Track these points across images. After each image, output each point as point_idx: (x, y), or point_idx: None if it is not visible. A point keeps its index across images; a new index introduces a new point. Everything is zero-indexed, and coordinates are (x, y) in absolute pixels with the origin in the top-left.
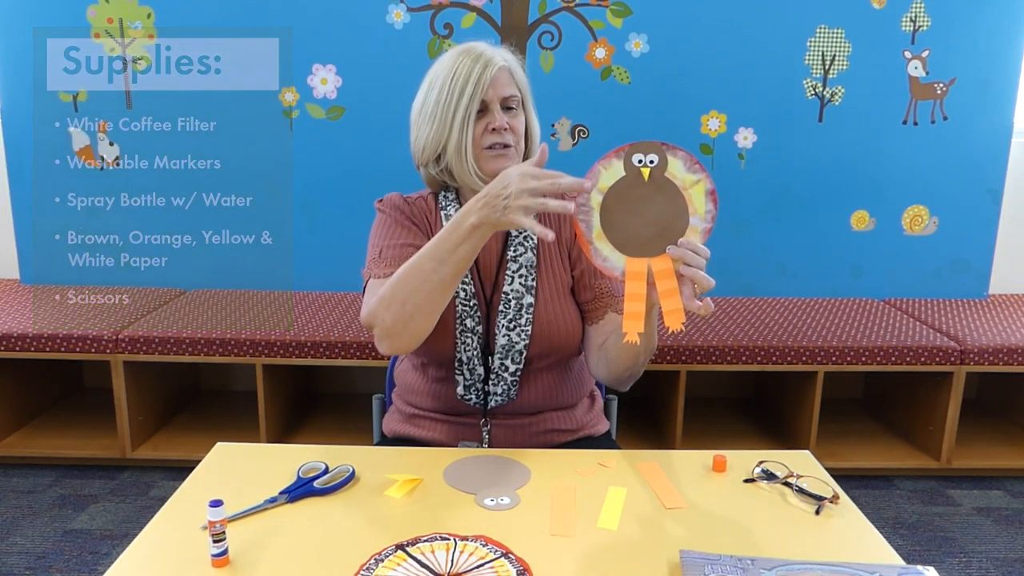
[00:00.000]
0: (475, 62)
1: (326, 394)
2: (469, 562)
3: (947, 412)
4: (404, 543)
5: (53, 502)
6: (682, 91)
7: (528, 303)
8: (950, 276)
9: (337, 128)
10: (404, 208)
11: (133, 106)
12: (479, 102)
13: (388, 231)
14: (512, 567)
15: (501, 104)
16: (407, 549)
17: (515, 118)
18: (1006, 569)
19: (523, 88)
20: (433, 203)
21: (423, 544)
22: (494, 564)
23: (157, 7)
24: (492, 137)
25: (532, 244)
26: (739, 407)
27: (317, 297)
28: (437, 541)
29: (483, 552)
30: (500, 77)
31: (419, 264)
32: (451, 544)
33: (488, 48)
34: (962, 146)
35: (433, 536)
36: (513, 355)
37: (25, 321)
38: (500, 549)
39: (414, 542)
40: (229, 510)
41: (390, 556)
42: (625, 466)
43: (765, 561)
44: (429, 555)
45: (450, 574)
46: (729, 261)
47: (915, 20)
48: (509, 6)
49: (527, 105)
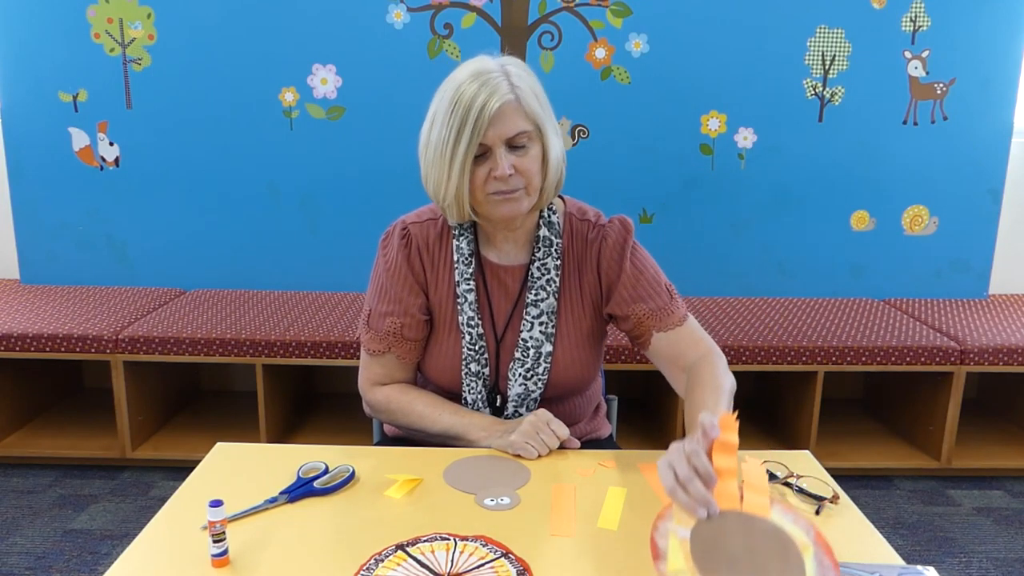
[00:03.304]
0: (475, 96)
1: (326, 394)
2: (469, 562)
3: (947, 412)
4: (404, 543)
5: (53, 502)
6: (682, 91)
7: (547, 352)
8: (950, 276)
9: (337, 128)
10: (401, 248)
11: (133, 106)
12: (477, 146)
13: (377, 288)
14: (512, 567)
15: (508, 144)
16: (407, 549)
17: (525, 156)
18: (1006, 569)
19: (537, 117)
20: (444, 227)
21: (423, 544)
22: (494, 564)
23: (157, 7)
24: (496, 184)
25: (554, 289)
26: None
27: (317, 297)
28: (437, 541)
29: (483, 552)
30: (504, 113)
31: (417, 417)
32: (451, 544)
33: (494, 74)
34: (962, 146)
35: (433, 536)
36: (528, 403)
37: (25, 321)
38: (500, 549)
39: (414, 542)
40: (229, 510)
41: (390, 556)
42: (625, 466)
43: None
44: (429, 555)
45: (450, 574)
46: (729, 261)
47: (915, 20)
48: (509, 6)
49: (545, 132)
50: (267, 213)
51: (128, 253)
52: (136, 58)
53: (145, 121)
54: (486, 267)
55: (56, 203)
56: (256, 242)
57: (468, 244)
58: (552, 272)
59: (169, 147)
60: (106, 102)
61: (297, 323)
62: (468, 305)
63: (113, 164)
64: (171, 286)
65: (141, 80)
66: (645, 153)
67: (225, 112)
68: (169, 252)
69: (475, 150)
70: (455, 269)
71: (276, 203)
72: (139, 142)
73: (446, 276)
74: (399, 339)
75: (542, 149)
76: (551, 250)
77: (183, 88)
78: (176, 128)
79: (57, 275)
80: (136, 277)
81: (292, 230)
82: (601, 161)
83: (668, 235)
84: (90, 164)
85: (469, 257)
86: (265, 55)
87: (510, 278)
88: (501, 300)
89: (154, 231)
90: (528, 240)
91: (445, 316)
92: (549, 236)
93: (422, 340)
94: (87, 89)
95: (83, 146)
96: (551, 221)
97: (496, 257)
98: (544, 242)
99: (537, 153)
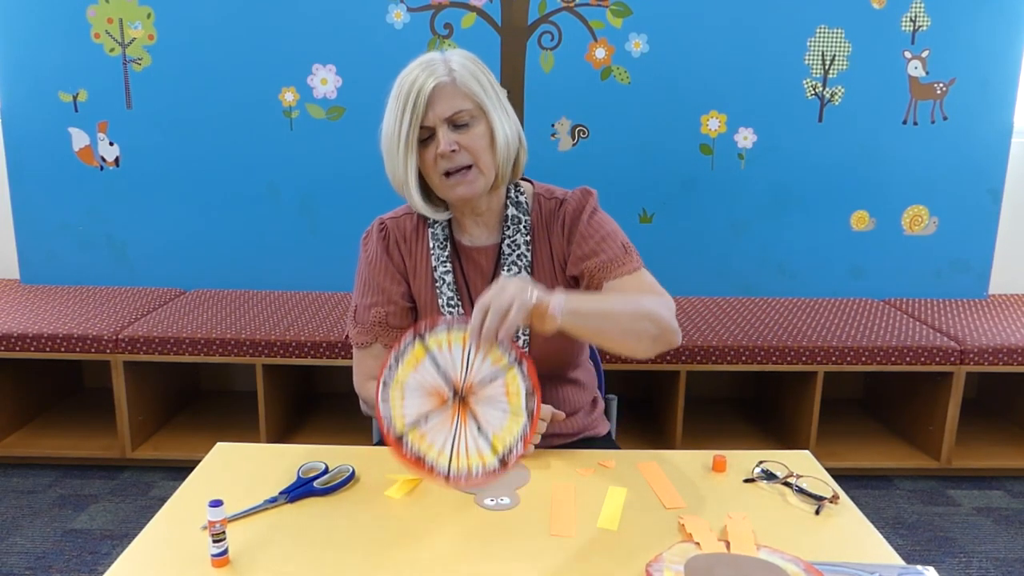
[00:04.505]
0: (415, 80)
1: (326, 394)
2: (483, 370)
3: (947, 412)
4: (423, 331)
5: (53, 502)
6: (682, 91)
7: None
8: (950, 276)
9: (337, 128)
10: (380, 241)
11: (133, 106)
12: (418, 129)
13: (361, 284)
14: (523, 382)
15: (449, 123)
16: (425, 339)
17: (467, 133)
18: (1006, 569)
19: (477, 96)
20: (419, 219)
21: (440, 334)
22: (506, 378)
23: (157, 7)
24: (443, 164)
25: (526, 263)
26: (739, 407)
27: (317, 297)
28: (456, 330)
29: (497, 354)
30: (441, 93)
31: None
32: (467, 336)
33: (435, 62)
34: (962, 146)
35: (451, 322)
36: None
37: (25, 321)
38: (516, 353)
39: (432, 327)
40: (229, 510)
41: (410, 347)
42: (625, 466)
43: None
44: (445, 352)
45: (463, 385)
46: (729, 261)
47: (915, 20)
48: (509, 6)
49: (488, 110)
50: (267, 213)
51: (128, 253)
52: (136, 58)
53: (145, 121)
54: (461, 251)
55: (56, 203)
56: (256, 242)
57: (443, 231)
58: (523, 247)
59: (169, 147)
60: (106, 102)
61: (297, 323)
62: (447, 286)
63: (113, 164)
64: (171, 286)
65: (141, 80)
66: (645, 153)
67: (225, 112)
68: (169, 252)
69: (417, 132)
70: (431, 255)
71: (276, 203)
72: (139, 142)
73: (424, 264)
74: (385, 328)
75: (488, 129)
76: (519, 227)
77: (183, 88)
78: (176, 128)
79: (57, 275)
80: (136, 277)
81: (292, 230)
82: (601, 161)
83: (668, 235)
84: (90, 164)
85: (444, 242)
86: (265, 55)
87: (484, 258)
88: (477, 280)
89: (154, 231)
90: (498, 222)
91: (427, 301)
92: (517, 215)
93: (407, 328)
94: (87, 89)
95: (83, 146)
96: (519, 201)
97: (469, 241)
98: (512, 220)
99: (483, 131)
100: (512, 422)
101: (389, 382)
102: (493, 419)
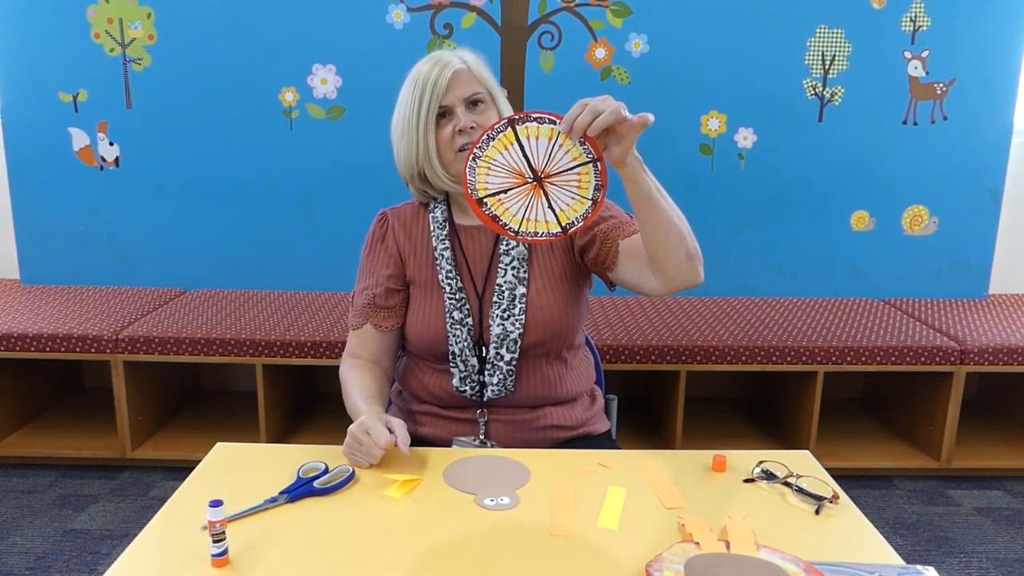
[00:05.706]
0: (431, 70)
1: (326, 394)
2: (562, 162)
3: (947, 412)
4: (516, 118)
5: (53, 502)
6: (682, 91)
7: (521, 293)
8: (950, 276)
9: (337, 128)
10: (377, 230)
11: (133, 106)
12: (438, 106)
13: (361, 270)
14: (594, 178)
15: (466, 103)
16: (516, 127)
17: (483, 114)
18: (1006, 569)
19: (489, 85)
20: (419, 206)
21: (531, 124)
22: (580, 171)
23: (157, 7)
24: (461, 139)
25: None
26: (739, 407)
27: (317, 297)
28: (546, 124)
29: (577, 152)
30: (459, 78)
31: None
32: (554, 131)
33: (447, 54)
34: (962, 146)
35: (542, 117)
36: (508, 344)
37: (25, 321)
38: (594, 153)
39: (525, 119)
40: (229, 510)
41: (502, 133)
42: (625, 466)
43: None
44: (533, 140)
45: (541, 171)
46: (729, 261)
47: (915, 20)
48: (509, 6)
49: (498, 101)
50: (267, 213)
51: (128, 253)
52: (136, 58)
53: (145, 121)
54: (460, 232)
55: (56, 203)
56: (256, 242)
57: (442, 213)
58: None
59: (169, 147)
60: (106, 102)
61: (297, 323)
62: (446, 261)
63: (113, 164)
64: (171, 286)
65: (141, 80)
66: (645, 153)
67: (225, 112)
68: (169, 252)
69: (436, 111)
70: (432, 235)
71: (276, 203)
72: (139, 142)
73: (424, 244)
74: (373, 308)
75: (498, 114)
76: None
77: (183, 88)
78: (176, 128)
79: (57, 275)
80: (136, 277)
81: (292, 230)
82: None
83: None
84: (90, 164)
85: (444, 223)
86: (265, 55)
87: (483, 236)
88: (477, 258)
89: (154, 231)
90: None
91: (426, 279)
92: None
93: (396, 308)
94: (87, 89)
95: (83, 146)
96: None
97: (468, 222)
98: None
99: (494, 115)
100: (578, 203)
101: (479, 156)
102: (563, 199)
